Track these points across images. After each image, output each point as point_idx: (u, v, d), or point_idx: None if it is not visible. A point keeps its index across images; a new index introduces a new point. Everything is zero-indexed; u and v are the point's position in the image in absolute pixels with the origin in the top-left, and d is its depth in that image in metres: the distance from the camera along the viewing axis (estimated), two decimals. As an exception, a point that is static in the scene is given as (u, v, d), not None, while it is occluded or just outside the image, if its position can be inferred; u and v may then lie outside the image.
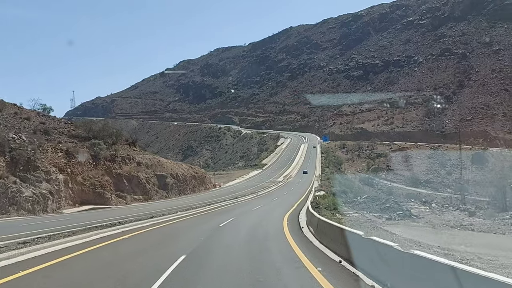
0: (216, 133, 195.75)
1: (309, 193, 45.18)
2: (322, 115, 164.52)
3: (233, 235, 17.18)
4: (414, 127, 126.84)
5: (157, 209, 26.90)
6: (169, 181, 44.09)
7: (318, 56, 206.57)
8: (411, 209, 38.29)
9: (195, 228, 20.09)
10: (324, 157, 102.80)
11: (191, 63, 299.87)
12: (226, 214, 26.18)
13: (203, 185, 56.15)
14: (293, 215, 24.71)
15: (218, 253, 12.93)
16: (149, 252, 13.25)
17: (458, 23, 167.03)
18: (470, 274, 5.06)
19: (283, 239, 15.48)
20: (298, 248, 13.02)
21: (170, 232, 18.57)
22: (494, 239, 25.21)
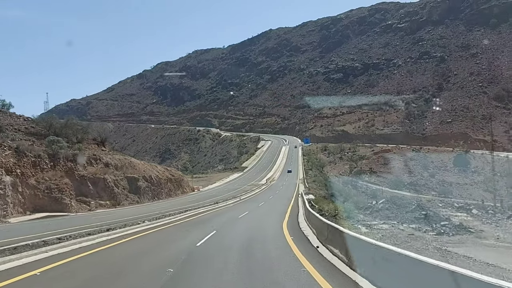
0: (194, 135, 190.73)
1: (297, 196, 41.56)
2: (303, 117, 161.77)
3: (218, 268, 10.38)
4: (395, 130, 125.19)
5: (122, 218, 21.80)
6: (141, 185, 39.27)
7: (298, 58, 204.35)
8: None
9: (159, 252, 13.01)
10: (306, 160, 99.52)
11: (169, 65, 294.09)
12: (205, 225, 20.75)
13: (180, 188, 51.40)
14: (293, 226, 19.45)
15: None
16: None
17: (436, 26, 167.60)
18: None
19: (302, 274, 9.05)
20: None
21: (117, 262, 11.19)
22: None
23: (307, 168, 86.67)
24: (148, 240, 15.93)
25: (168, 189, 46.36)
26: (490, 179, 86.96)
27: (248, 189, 56.24)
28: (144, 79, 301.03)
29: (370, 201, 38.12)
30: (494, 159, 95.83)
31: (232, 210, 31.44)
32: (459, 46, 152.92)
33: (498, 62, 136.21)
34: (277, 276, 9.07)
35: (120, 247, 13.72)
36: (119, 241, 14.54)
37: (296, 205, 31.98)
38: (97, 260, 11.33)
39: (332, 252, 10.31)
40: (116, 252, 12.95)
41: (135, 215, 23.67)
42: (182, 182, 53.34)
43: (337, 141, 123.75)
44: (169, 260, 11.27)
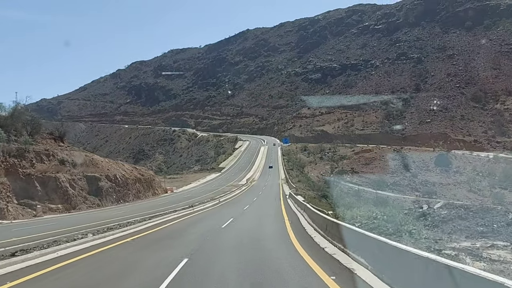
0: (170, 136, 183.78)
1: (285, 198, 36.81)
2: (281, 117, 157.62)
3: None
4: (374, 130, 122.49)
5: (61, 229, 16.11)
6: (103, 185, 33.34)
7: (276, 59, 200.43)
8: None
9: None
10: (286, 160, 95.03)
11: (144, 64, 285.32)
12: (173, 242, 13.85)
13: (151, 190, 45.40)
14: (308, 243, 12.10)
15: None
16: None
17: (413, 28, 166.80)
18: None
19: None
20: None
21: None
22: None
23: (288, 168, 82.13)
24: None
25: (136, 190, 40.43)
26: (474, 179, 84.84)
27: (227, 190, 50.84)
28: (118, 78, 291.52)
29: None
30: (475, 159, 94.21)
31: (211, 216, 24.98)
32: (436, 48, 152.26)
33: (474, 63, 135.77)
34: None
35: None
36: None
37: (290, 209, 26.58)
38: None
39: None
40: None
41: (85, 224, 18.12)
42: (153, 183, 47.31)
43: (317, 141, 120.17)
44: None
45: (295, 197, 28.83)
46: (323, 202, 35.21)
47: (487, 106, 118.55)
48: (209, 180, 75.36)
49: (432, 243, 16.07)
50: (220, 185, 61.62)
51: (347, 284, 7.11)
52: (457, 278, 4.81)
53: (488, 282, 4.33)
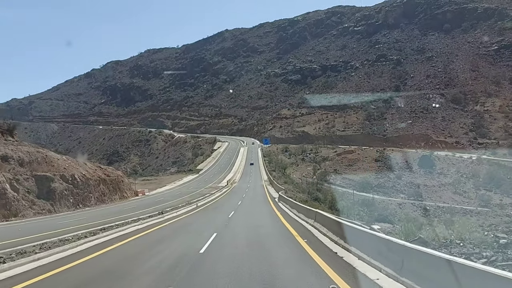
0: (146, 137, 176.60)
1: (274, 201, 32.07)
2: (261, 118, 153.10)
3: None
4: (356, 131, 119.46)
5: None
6: (57, 187, 27.48)
7: (255, 59, 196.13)
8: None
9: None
10: (267, 161, 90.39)
11: (120, 64, 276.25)
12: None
13: (119, 192, 39.51)
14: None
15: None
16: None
17: (392, 30, 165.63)
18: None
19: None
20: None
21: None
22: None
23: (270, 170, 77.46)
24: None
25: (100, 193, 34.67)
26: (459, 181, 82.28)
27: (206, 192, 45.41)
28: (93, 78, 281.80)
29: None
30: (459, 161, 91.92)
31: (185, 229, 17.88)
32: (415, 50, 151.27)
33: (453, 65, 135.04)
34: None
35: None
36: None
37: (290, 217, 20.55)
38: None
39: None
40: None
41: (13, 239, 12.74)
42: (121, 185, 41.34)
43: (298, 142, 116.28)
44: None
45: (291, 201, 24.08)
46: (322, 206, 30.65)
47: (467, 108, 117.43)
48: (186, 182, 69.88)
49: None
50: (198, 187, 56.25)
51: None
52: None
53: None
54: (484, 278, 4.68)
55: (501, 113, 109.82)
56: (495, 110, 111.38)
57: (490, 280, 4.57)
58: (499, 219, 66.51)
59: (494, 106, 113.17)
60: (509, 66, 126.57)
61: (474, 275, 4.92)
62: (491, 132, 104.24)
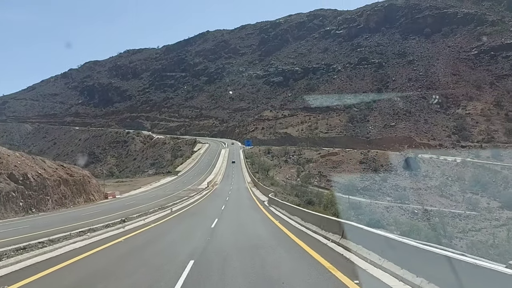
0: (123, 138, 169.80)
1: (264, 205, 27.84)
2: (242, 120, 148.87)
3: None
4: (339, 133, 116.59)
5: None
6: (2, 187, 22.63)
7: (237, 61, 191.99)
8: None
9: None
10: (249, 162, 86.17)
11: (98, 64, 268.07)
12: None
13: (84, 194, 34.40)
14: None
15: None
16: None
17: (373, 34, 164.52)
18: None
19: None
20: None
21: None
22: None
23: (253, 171, 73.21)
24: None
25: (60, 195, 29.62)
26: (445, 184, 79.96)
27: (184, 195, 40.58)
28: (70, 78, 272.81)
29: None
30: (443, 163, 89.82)
31: (147, 250, 12.41)
32: (396, 53, 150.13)
33: (434, 69, 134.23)
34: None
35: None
36: None
37: (295, 229, 15.10)
38: None
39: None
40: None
41: None
42: (87, 186, 36.17)
43: (281, 144, 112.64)
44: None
45: (288, 205, 19.87)
46: (322, 209, 26.63)
47: (449, 111, 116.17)
48: (164, 184, 64.94)
49: None
50: (176, 189, 51.47)
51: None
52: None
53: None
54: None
55: (483, 116, 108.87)
56: (477, 114, 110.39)
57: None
58: (488, 223, 64.41)
59: (475, 109, 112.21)
60: (489, 70, 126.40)
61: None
62: (474, 135, 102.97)
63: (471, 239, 55.31)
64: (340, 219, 11.70)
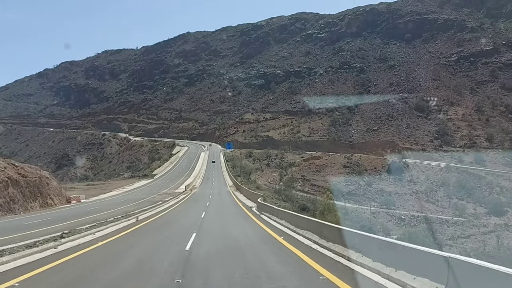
0: (99, 140, 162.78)
1: (253, 212, 23.76)
2: (223, 122, 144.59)
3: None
4: (322, 137, 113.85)
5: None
6: None
7: (218, 63, 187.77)
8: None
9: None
10: (230, 166, 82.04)
11: (75, 64, 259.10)
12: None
13: (40, 198, 29.37)
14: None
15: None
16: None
17: (355, 38, 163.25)
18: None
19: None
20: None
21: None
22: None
23: (235, 175, 69.07)
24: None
25: (8, 199, 24.78)
26: (432, 189, 77.79)
27: (158, 199, 35.99)
28: (45, 78, 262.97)
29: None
30: (427, 168, 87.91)
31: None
32: (377, 58, 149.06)
33: (415, 74, 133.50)
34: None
35: None
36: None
37: (324, 258, 9.50)
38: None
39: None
40: None
41: None
42: (45, 189, 31.24)
43: (262, 147, 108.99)
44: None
45: (290, 213, 15.89)
46: (325, 216, 22.78)
47: (431, 116, 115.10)
48: (138, 187, 60.11)
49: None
50: (150, 193, 46.86)
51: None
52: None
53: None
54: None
55: (464, 121, 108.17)
56: (458, 119, 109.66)
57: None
58: (476, 229, 62.21)
59: (457, 114, 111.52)
60: (468, 76, 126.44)
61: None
62: (456, 140, 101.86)
63: (461, 246, 52.92)
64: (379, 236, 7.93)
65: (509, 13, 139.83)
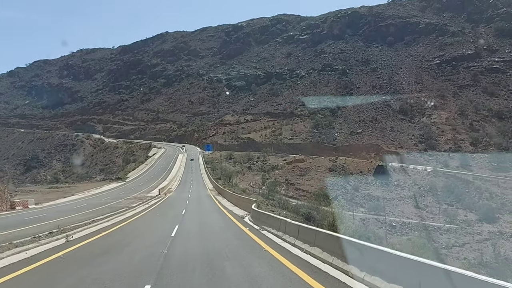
0: (71, 141, 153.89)
1: (246, 224, 17.36)
2: (202, 124, 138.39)
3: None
4: (304, 139, 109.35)
5: None
6: None
7: (197, 63, 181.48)
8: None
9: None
10: (210, 168, 76.17)
11: (48, 63, 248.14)
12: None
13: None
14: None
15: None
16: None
17: (337, 41, 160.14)
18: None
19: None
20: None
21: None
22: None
23: (216, 177, 63.31)
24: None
25: None
26: (420, 194, 73.97)
27: (124, 205, 29.64)
28: (17, 77, 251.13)
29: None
30: (414, 172, 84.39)
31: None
32: (359, 61, 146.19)
33: (397, 77, 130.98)
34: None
35: None
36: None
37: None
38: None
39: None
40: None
41: None
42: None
43: (243, 149, 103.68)
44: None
45: (318, 231, 9.57)
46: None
47: (414, 120, 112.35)
48: (106, 191, 53.59)
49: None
50: (117, 197, 40.53)
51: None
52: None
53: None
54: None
55: (448, 125, 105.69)
56: (442, 123, 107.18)
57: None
58: (470, 237, 58.45)
59: (440, 118, 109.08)
60: (451, 80, 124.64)
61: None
62: (441, 144, 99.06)
63: (458, 255, 48.96)
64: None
65: (489, 18, 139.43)
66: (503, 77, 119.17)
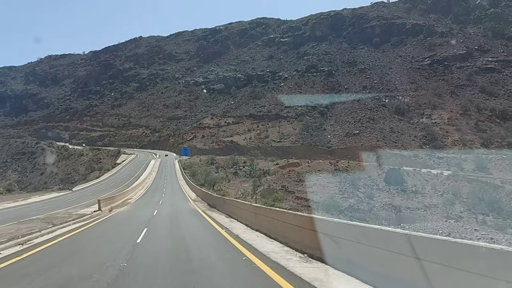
0: (31, 149, 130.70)
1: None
2: (178, 128, 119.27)
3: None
4: (294, 142, 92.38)
5: None
6: None
7: (173, 67, 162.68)
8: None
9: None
10: (189, 174, 57.52)
11: (14, 70, 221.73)
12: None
13: None
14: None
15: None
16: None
17: (320, 42, 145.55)
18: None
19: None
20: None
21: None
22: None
23: (199, 183, 44.83)
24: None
25: None
26: (447, 202, 57.79)
27: (39, 226, 12.08)
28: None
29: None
30: (431, 176, 68.61)
31: None
32: (345, 62, 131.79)
33: (389, 77, 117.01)
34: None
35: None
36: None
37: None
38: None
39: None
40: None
41: None
42: None
43: (226, 154, 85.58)
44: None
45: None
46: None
47: (413, 120, 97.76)
48: (34, 202, 34.37)
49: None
50: (25, 215, 20.82)
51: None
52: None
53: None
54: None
55: (451, 125, 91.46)
56: (444, 123, 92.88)
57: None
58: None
59: (442, 118, 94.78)
60: (445, 80, 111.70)
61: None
62: (448, 146, 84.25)
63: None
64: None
65: (477, 19, 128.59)
66: (500, 77, 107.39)
